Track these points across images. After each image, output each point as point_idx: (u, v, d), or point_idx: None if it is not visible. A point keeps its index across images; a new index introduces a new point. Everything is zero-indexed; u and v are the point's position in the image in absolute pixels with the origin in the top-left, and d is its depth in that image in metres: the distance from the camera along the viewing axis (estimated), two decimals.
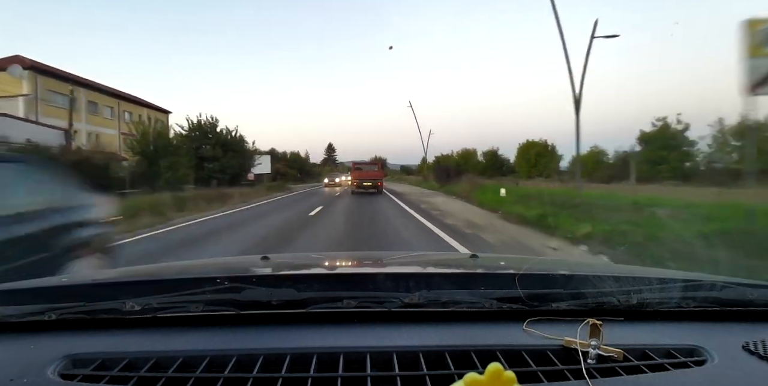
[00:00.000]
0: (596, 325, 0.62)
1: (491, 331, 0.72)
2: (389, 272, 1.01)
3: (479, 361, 0.61)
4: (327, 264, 1.30)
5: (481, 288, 0.79)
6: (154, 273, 1.04)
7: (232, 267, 1.19)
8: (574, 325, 0.67)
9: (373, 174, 20.66)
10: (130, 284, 0.88)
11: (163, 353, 0.64)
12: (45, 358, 0.62)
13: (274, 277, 0.93)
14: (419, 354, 0.64)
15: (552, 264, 1.38)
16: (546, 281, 0.89)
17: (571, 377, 0.58)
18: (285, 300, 0.73)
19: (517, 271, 0.83)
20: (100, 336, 0.70)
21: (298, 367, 0.61)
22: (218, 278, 0.79)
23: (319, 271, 1.10)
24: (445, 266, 1.27)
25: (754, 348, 0.65)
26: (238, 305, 0.73)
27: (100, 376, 0.59)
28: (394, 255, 1.68)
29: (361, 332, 0.71)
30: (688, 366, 0.62)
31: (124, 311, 0.71)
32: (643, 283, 0.82)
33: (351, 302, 0.73)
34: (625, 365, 0.61)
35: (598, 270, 1.06)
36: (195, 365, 0.61)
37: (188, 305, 0.72)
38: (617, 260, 4.72)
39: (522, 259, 1.71)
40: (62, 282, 0.88)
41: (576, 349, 0.63)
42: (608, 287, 0.79)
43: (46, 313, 0.71)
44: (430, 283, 0.81)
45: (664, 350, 0.67)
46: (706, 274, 1.00)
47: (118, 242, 4.36)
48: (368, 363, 0.62)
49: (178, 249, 6.08)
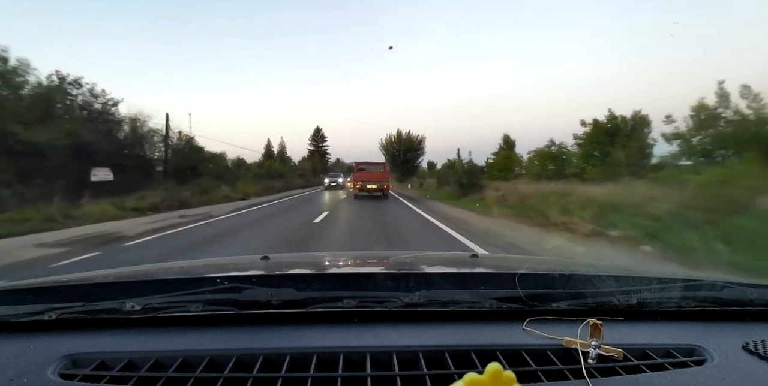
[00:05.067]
0: (596, 325, 0.63)
1: (491, 331, 0.72)
2: (389, 272, 1.01)
3: (479, 361, 0.61)
4: (327, 264, 1.30)
5: (481, 288, 0.79)
6: (154, 273, 1.04)
7: (232, 267, 1.19)
8: (574, 325, 0.67)
9: (379, 175, 17.20)
10: (130, 284, 0.88)
11: (163, 353, 0.64)
12: (45, 358, 0.62)
13: (274, 277, 0.93)
14: (419, 354, 0.64)
15: (552, 264, 1.38)
16: (546, 281, 0.88)
17: (571, 377, 0.58)
18: (285, 300, 0.73)
19: (517, 271, 0.83)
20: (100, 336, 0.70)
21: (298, 367, 0.61)
22: (218, 278, 0.79)
23: (319, 271, 1.10)
24: (445, 266, 1.27)
25: (754, 348, 0.65)
26: (238, 305, 0.73)
27: (100, 376, 0.59)
28: (394, 255, 1.68)
29: (361, 332, 0.71)
30: (688, 365, 0.62)
31: (124, 311, 0.71)
32: (643, 283, 0.82)
33: (351, 302, 0.73)
34: (625, 365, 0.61)
35: (598, 270, 1.06)
36: (195, 365, 0.61)
37: (188, 305, 0.72)
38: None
39: (522, 259, 1.71)
40: (62, 282, 0.88)
41: (576, 349, 0.63)
42: (608, 287, 0.79)
43: (46, 313, 0.71)
44: (430, 283, 0.81)
45: (664, 350, 0.67)
46: (707, 274, 1.00)
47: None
48: (368, 363, 0.62)
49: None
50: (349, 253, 2.64)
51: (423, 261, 1.33)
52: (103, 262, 4.84)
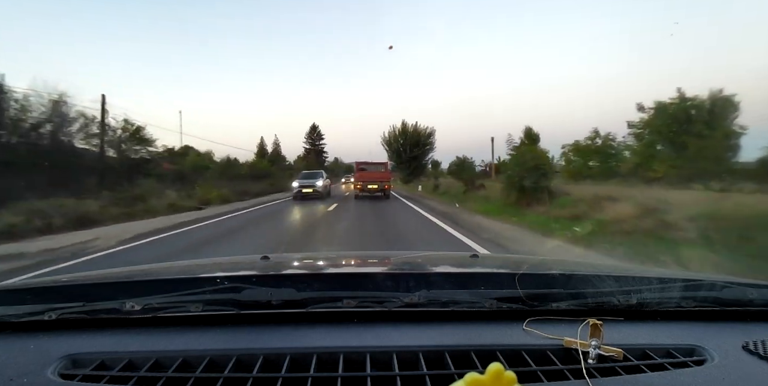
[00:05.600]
0: (596, 325, 0.62)
1: (491, 331, 0.72)
2: (389, 272, 1.01)
3: (479, 361, 0.61)
4: (327, 264, 1.30)
5: (481, 288, 0.79)
6: (154, 273, 1.04)
7: (232, 267, 1.19)
8: (574, 325, 0.67)
9: (380, 175, 17.33)
10: (130, 284, 0.88)
11: (163, 353, 0.64)
12: (45, 358, 0.62)
13: (274, 277, 0.93)
14: (419, 354, 0.63)
15: (552, 264, 1.38)
16: (546, 281, 0.88)
17: (571, 377, 0.58)
18: (285, 300, 0.73)
19: (517, 271, 0.83)
20: (100, 336, 0.70)
21: (298, 367, 0.61)
22: (218, 278, 0.79)
23: (319, 271, 1.10)
24: (445, 266, 1.27)
25: (754, 348, 0.65)
26: (238, 305, 0.73)
27: (100, 376, 0.59)
28: (394, 255, 1.68)
29: (361, 332, 0.71)
30: (688, 365, 0.62)
31: (124, 311, 0.71)
32: (643, 283, 0.82)
33: (351, 302, 0.73)
34: (625, 365, 0.61)
35: (598, 270, 1.06)
36: (195, 365, 0.61)
37: (188, 305, 0.72)
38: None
39: (522, 259, 1.71)
40: (62, 282, 0.88)
41: (576, 349, 0.63)
42: (608, 287, 0.79)
43: (46, 313, 0.71)
44: (430, 283, 0.81)
45: (664, 350, 0.67)
46: (707, 274, 1.00)
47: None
48: (368, 363, 0.62)
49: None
50: (349, 253, 2.64)
51: (423, 261, 1.33)
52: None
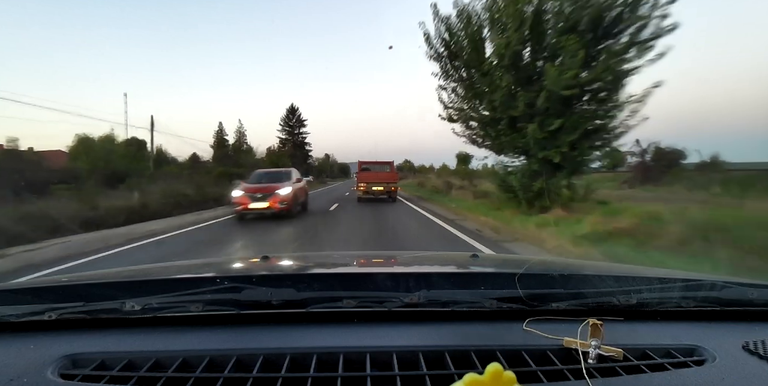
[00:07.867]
0: (596, 325, 0.62)
1: (491, 331, 0.72)
2: (389, 272, 1.01)
3: (479, 361, 0.61)
4: (327, 264, 1.30)
5: (481, 288, 0.79)
6: (154, 273, 1.04)
7: (232, 267, 1.19)
8: (574, 325, 0.67)
9: (385, 176, 14.99)
10: (130, 284, 0.88)
11: (163, 353, 0.64)
12: (45, 358, 0.62)
13: (274, 277, 0.93)
14: (419, 354, 0.63)
15: (552, 264, 1.38)
16: (546, 281, 0.88)
17: (571, 377, 0.58)
18: (285, 300, 0.73)
19: (517, 271, 0.83)
20: (100, 336, 0.70)
21: (298, 367, 0.61)
22: (218, 278, 0.79)
23: (319, 271, 1.10)
24: (445, 266, 1.27)
25: (754, 348, 0.65)
26: (238, 305, 0.73)
27: (100, 376, 0.59)
28: (394, 255, 1.68)
29: (361, 332, 0.71)
30: (688, 365, 0.62)
31: (124, 311, 0.71)
32: (643, 283, 0.82)
33: (351, 302, 0.73)
34: (625, 365, 0.61)
35: (598, 270, 1.06)
36: (195, 365, 0.61)
37: (188, 305, 0.72)
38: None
39: (522, 259, 1.71)
40: (62, 282, 0.88)
41: (576, 349, 0.63)
42: (608, 287, 0.79)
43: (46, 313, 0.71)
44: (430, 283, 0.81)
45: (664, 350, 0.67)
46: (707, 274, 1.00)
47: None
48: (368, 363, 0.62)
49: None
50: (349, 253, 2.64)
51: (423, 261, 1.33)
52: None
